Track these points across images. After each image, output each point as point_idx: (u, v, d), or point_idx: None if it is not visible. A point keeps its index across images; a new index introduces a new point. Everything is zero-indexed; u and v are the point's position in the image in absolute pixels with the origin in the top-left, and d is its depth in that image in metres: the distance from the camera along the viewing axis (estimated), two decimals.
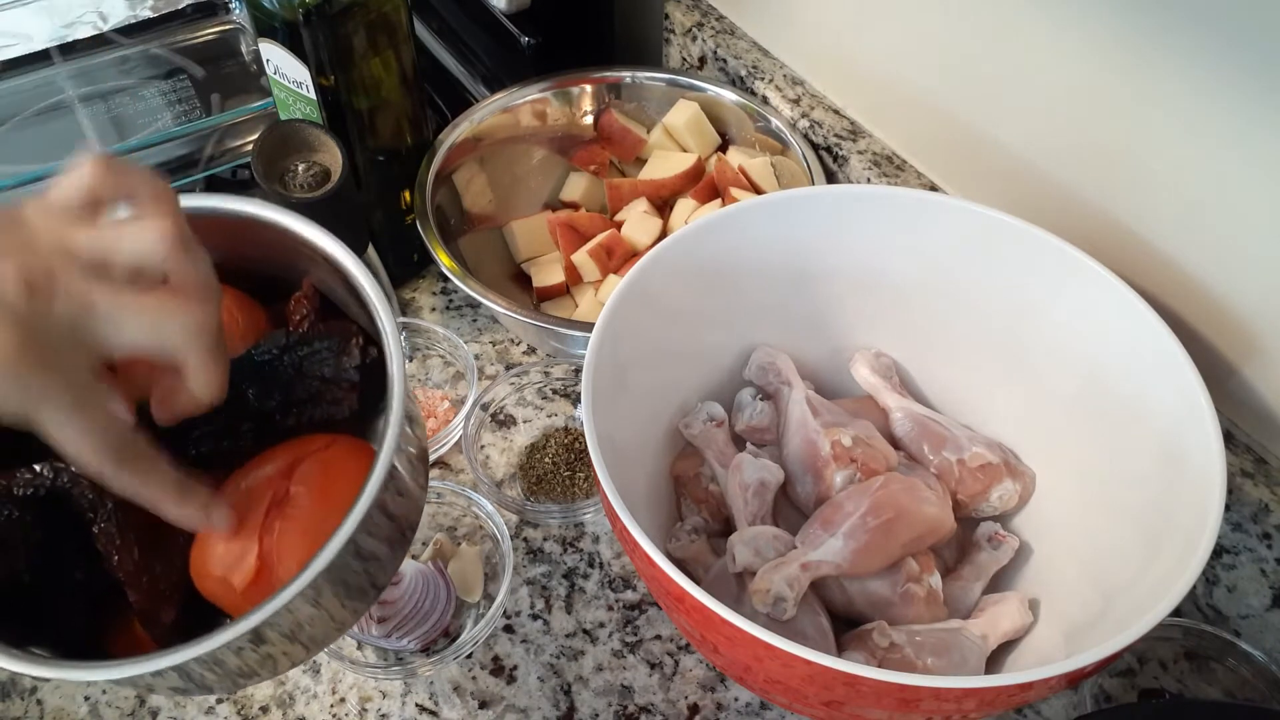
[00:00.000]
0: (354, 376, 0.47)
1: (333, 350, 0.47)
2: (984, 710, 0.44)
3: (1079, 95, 0.58)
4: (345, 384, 0.47)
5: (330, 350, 0.47)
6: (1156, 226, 0.58)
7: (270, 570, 0.42)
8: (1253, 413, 0.57)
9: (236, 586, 0.42)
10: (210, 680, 0.41)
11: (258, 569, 0.42)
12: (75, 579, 0.45)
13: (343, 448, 0.46)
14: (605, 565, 0.65)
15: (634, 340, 0.57)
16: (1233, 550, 0.57)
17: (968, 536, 0.59)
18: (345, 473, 0.44)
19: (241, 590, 0.42)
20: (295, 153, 0.68)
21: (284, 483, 0.44)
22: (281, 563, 0.42)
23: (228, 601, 0.43)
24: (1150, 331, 0.52)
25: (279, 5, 0.65)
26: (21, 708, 0.59)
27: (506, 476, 0.70)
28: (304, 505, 0.43)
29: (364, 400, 0.47)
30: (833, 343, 0.66)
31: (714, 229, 0.60)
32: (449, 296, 0.81)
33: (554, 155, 0.86)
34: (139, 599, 0.43)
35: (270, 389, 0.47)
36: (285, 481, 0.44)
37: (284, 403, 0.47)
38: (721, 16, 0.87)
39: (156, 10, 1.05)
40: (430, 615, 0.59)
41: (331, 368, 0.47)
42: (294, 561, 0.42)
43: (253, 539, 0.42)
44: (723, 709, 0.59)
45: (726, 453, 0.61)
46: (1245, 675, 0.57)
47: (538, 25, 0.83)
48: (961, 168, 0.70)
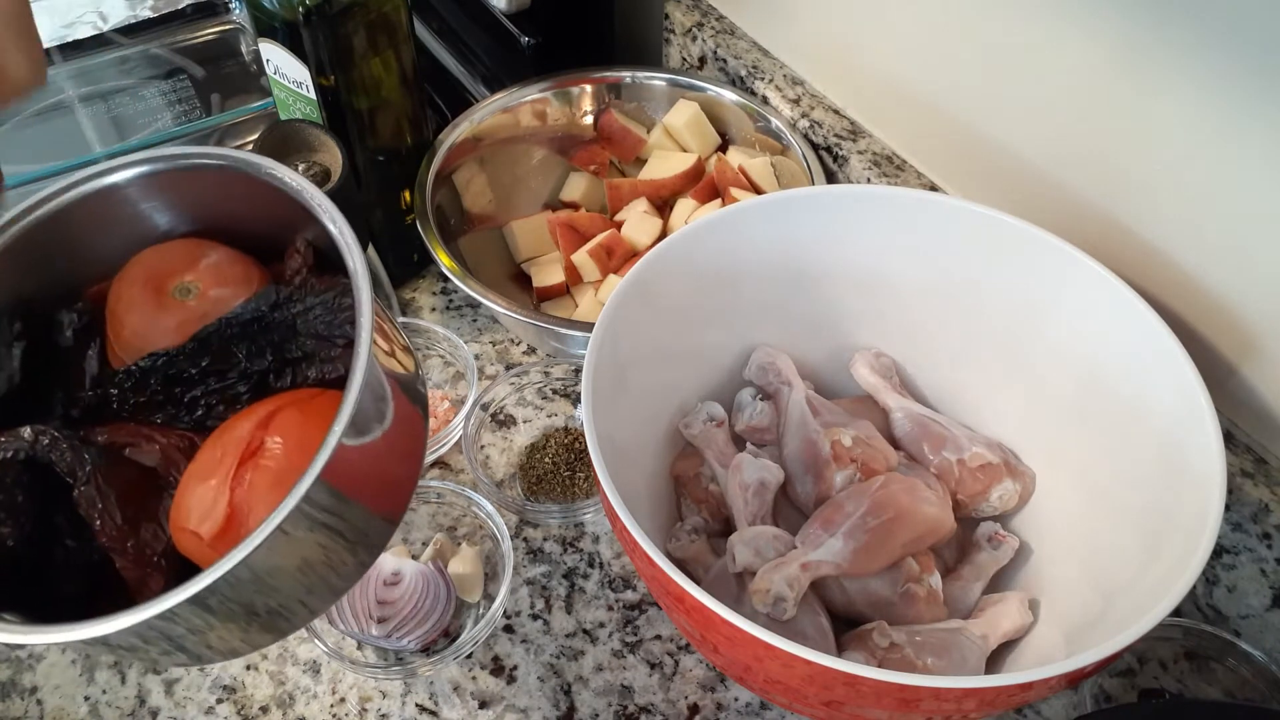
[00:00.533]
0: (350, 333, 0.45)
1: (327, 306, 0.45)
2: (984, 710, 0.44)
3: (1079, 95, 0.58)
4: (341, 341, 0.45)
5: (324, 306, 0.45)
6: (1156, 226, 0.58)
7: (240, 520, 0.41)
8: (1253, 413, 0.57)
9: (205, 537, 0.41)
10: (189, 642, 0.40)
11: (227, 518, 0.41)
12: (66, 548, 0.44)
13: (326, 399, 0.44)
14: (605, 565, 0.65)
15: (634, 340, 0.57)
16: (1233, 550, 0.57)
17: (968, 536, 0.59)
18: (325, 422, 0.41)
19: (209, 541, 0.41)
20: (295, 153, 0.68)
21: (260, 432, 0.42)
22: (252, 513, 0.41)
23: (199, 554, 0.42)
24: (1150, 331, 0.52)
25: (279, 5, 0.65)
26: (21, 707, 0.59)
27: (506, 476, 0.70)
28: (278, 455, 0.42)
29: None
30: (833, 343, 0.66)
31: (714, 229, 0.60)
32: (449, 296, 0.81)
33: (554, 155, 0.86)
34: (126, 566, 0.42)
35: (262, 348, 0.46)
36: (261, 431, 0.42)
37: (278, 363, 0.46)
38: (721, 16, 0.87)
39: (156, 10, 1.05)
40: (430, 615, 0.59)
41: (326, 325, 0.45)
42: (264, 511, 0.39)
43: (224, 489, 0.41)
44: (723, 709, 0.59)
45: (726, 453, 0.61)
46: (1245, 675, 0.57)
47: (538, 25, 0.83)
48: (961, 168, 0.70)
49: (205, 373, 0.46)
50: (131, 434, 0.45)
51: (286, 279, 0.48)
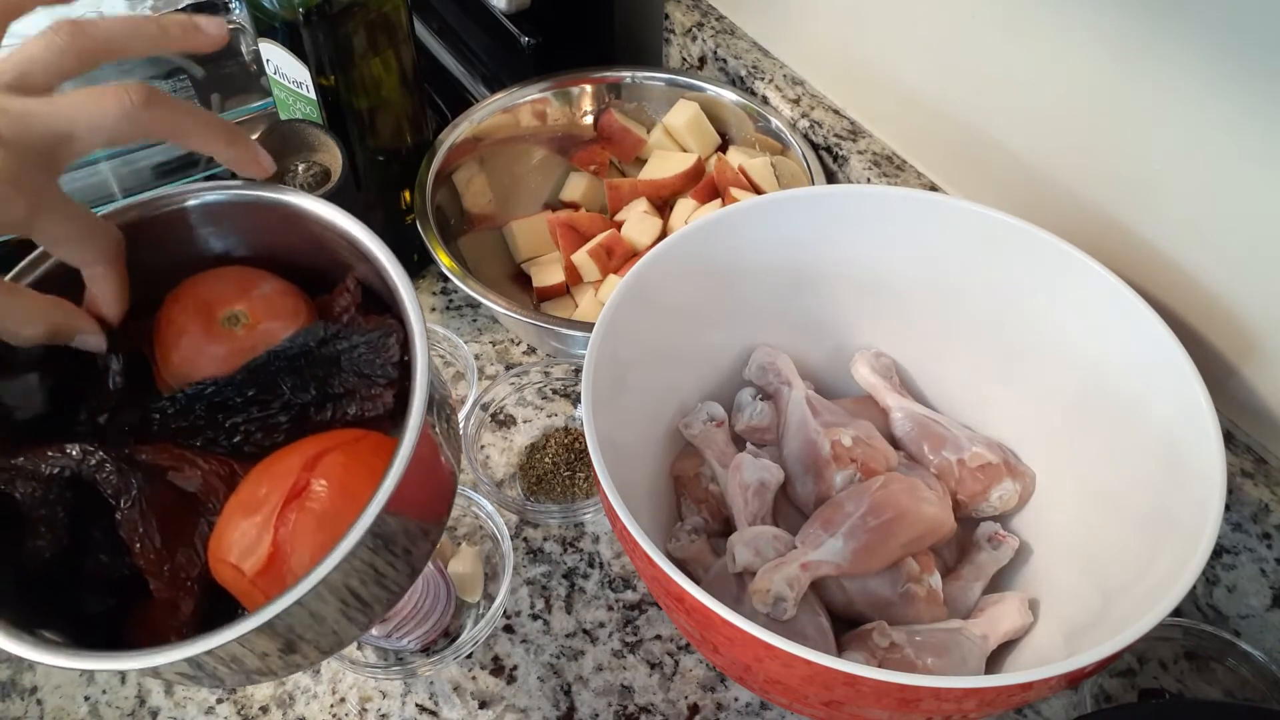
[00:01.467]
0: (392, 374, 0.46)
1: (371, 346, 0.46)
2: (984, 710, 0.44)
3: (1079, 95, 0.58)
4: (382, 381, 0.46)
5: (369, 345, 0.46)
6: (1156, 226, 0.58)
7: (283, 560, 0.42)
8: (1253, 413, 0.57)
9: (248, 573, 0.42)
10: (222, 673, 0.41)
11: (270, 557, 0.42)
12: (99, 563, 0.45)
13: (370, 443, 0.46)
14: (605, 565, 0.65)
15: (634, 340, 0.57)
16: (1233, 550, 0.57)
17: (968, 536, 0.59)
18: (369, 469, 0.43)
19: (252, 577, 0.42)
20: (295, 153, 0.68)
21: (306, 474, 0.43)
22: (295, 553, 0.42)
23: (239, 588, 0.43)
24: (1150, 331, 0.52)
25: (279, 5, 0.65)
26: (22, 707, 0.59)
27: (506, 476, 0.70)
28: (322, 498, 0.43)
29: (402, 399, 0.46)
30: (833, 343, 0.66)
31: (714, 229, 0.60)
32: (449, 296, 0.81)
33: (554, 155, 0.86)
34: (160, 588, 0.43)
35: (306, 382, 0.47)
36: (307, 473, 0.43)
37: (320, 397, 0.47)
38: (721, 16, 0.87)
39: (156, 10, 1.05)
40: (430, 615, 0.59)
41: (369, 363, 0.46)
42: (307, 553, 0.42)
43: (268, 527, 0.42)
44: (723, 709, 0.59)
45: (726, 453, 0.61)
46: (1245, 675, 0.57)
47: (538, 25, 0.83)
48: (961, 168, 0.70)
49: (249, 401, 0.47)
50: (173, 457, 0.46)
51: (334, 315, 0.48)
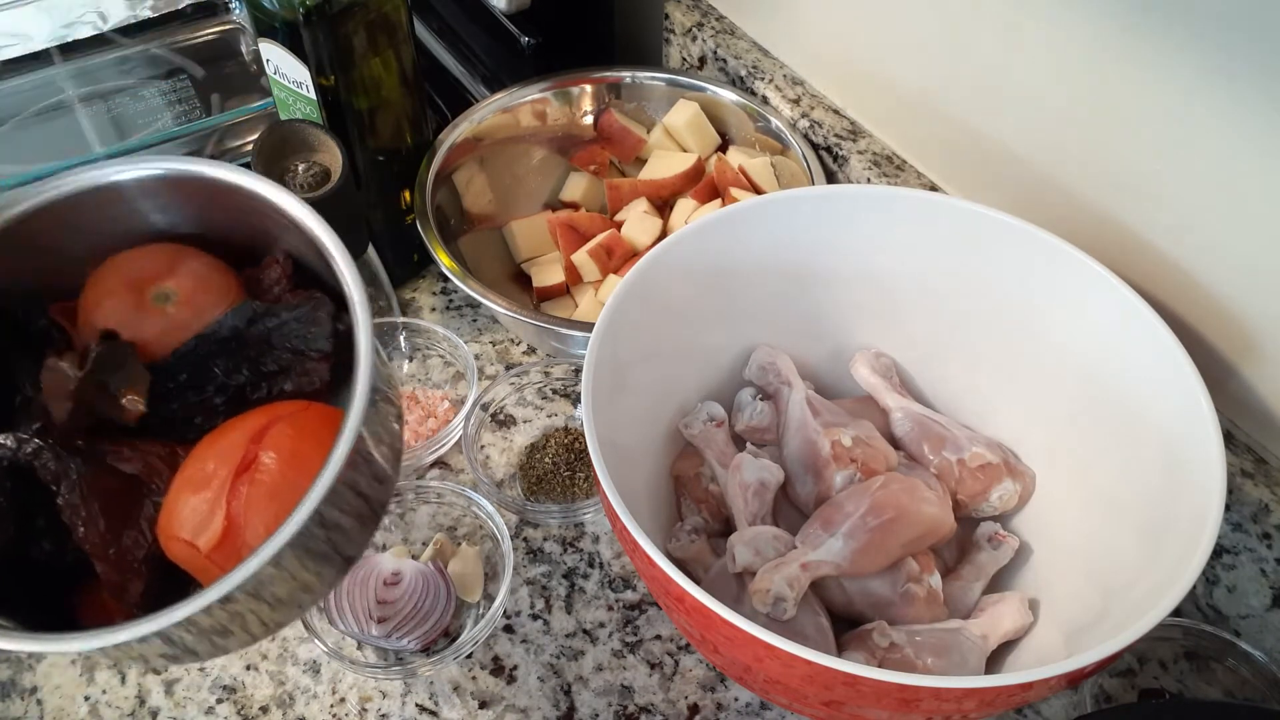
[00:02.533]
0: (325, 347, 0.46)
1: (301, 320, 0.46)
2: (984, 710, 0.44)
3: (1079, 95, 0.58)
4: (316, 354, 0.46)
5: (299, 320, 0.46)
6: (1156, 226, 0.58)
7: (237, 533, 0.42)
8: (1253, 413, 0.57)
9: (203, 549, 0.42)
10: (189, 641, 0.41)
11: (224, 531, 0.42)
12: (43, 550, 0.44)
13: (315, 414, 0.46)
14: (605, 565, 0.65)
15: (634, 340, 0.57)
16: (1233, 550, 0.57)
17: (968, 536, 0.59)
18: (316, 439, 0.43)
19: (208, 552, 0.42)
20: (295, 153, 0.68)
21: (254, 447, 0.43)
22: (249, 526, 0.42)
23: (194, 564, 0.43)
24: (1150, 331, 0.52)
25: (279, 5, 0.65)
26: (21, 708, 0.59)
27: (506, 476, 0.70)
28: (272, 470, 0.43)
29: (338, 371, 0.46)
30: (833, 343, 0.66)
31: (714, 229, 0.60)
32: (449, 296, 0.81)
33: (554, 155, 0.86)
34: (107, 571, 0.43)
35: (238, 363, 0.46)
36: (255, 446, 0.43)
37: (254, 376, 0.46)
38: (721, 16, 0.87)
39: (156, 10, 1.05)
40: (430, 615, 0.59)
41: (301, 338, 0.46)
42: (261, 525, 0.42)
43: (220, 502, 0.42)
44: (723, 709, 0.59)
45: (726, 453, 0.61)
46: (1245, 675, 0.57)
47: (538, 25, 0.83)
48: (961, 168, 0.70)
49: (182, 386, 0.47)
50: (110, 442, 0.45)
51: (264, 289, 0.48)
